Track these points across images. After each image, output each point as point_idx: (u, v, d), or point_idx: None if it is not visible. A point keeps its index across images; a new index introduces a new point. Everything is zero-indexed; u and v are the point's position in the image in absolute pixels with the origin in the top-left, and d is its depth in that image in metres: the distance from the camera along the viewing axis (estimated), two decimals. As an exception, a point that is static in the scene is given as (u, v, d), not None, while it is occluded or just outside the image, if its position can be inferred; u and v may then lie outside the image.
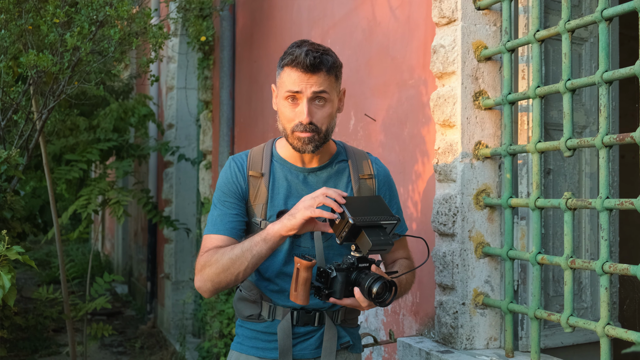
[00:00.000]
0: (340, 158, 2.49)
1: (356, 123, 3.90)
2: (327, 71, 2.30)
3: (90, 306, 5.43)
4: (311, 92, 2.29)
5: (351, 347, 2.50)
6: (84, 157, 6.26)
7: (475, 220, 2.94)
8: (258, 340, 2.45)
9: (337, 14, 4.17)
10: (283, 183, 2.43)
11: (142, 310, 9.31)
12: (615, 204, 2.29)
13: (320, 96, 2.30)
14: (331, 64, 2.31)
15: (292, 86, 2.30)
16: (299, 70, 2.28)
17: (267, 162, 2.47)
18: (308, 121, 2.29)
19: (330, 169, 2.46)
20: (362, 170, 2.48)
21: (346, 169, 2.47)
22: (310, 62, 2.27)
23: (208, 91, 6.91)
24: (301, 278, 2.19)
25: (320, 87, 2.29)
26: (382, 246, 2.11)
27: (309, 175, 2.44)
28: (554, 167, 3.08)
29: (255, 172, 2.44)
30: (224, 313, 5.84)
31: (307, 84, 2.29)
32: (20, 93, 4.23)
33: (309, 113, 2.29)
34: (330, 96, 2.33)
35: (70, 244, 14.36)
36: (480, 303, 2.93)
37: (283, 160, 2.46)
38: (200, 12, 5.99)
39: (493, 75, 2.98)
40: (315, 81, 2.29)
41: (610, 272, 2.30)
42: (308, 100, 2.29)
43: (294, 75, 2.30)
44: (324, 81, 2.30)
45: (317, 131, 2.32)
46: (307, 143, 2.33)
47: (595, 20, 2.39)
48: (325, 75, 2.30)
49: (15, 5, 4.03)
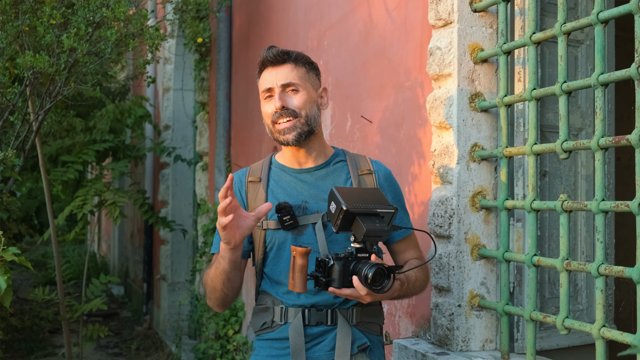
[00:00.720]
0: (339, 159, 2.52)
1: (352, 125, 3.90)
2: (294, 62, 2.42)
3: (86, 307, 5.42)
4: (280, 84, 2.39)
5: (369, 352, 2.42)
6: (80, 159, 6.26)
7: (471, 222, 2.94)
8: (273, 348, 2.42)
9: (334, 16, 4.17)
10: (281, 184, 2.47)
11: (138, 312, 9.31)
12: (611, 206, 2.30)
13: (290, 85, 2.39)
14: (297, 55, 2.44)
15: (264, 85, 2.42)
16: (267, 67, 2.42)
17: (265, 169, 2.52)
18: (280, 105, 2.36)
19: (328, 168, 2.48)
20: (361, 166, 2.49)
21: (345, 167, 2.49)
22: (273, 54, 2.40)
23: (205, 92, 6.91)
24: (297, 265, 2.20)
25: (287, 78, 2.40)
26: (377, 233, 2.12)
27: (306, 174, 2.47)
28: (550, 169, 3.09)
29: (254, 177, 2.50)
30: (220, 315, 5.83)
31: (276, 78, 2.40)
32: (16, 94, 4.22)
33: (279, 98, 2.38)
34: (302, 85, 2.41)
35: (66, 245, 14.35)
36: (476, 305, 2.93)
37: (281, 166, 2.51)
38: (197, 13, 5.99)
39: (489, 77, 2.98)
40: (283, 73, 2.40)
41: (606, 274, 2.31)
42: (279, 91, 2.38)
43: (265, 75, 2.43)
44: (292, 71, 2.41)
45: (295, 116, 2.38)
46: (288, 132, 2.39)
47: (592, 23, 2.39)
48: (292, 66, 2.42)
49: (11, 7, 4.03)
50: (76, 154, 6.33)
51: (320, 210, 2.40)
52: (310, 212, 2.41)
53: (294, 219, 2.38)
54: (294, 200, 2.42)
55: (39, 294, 5.40)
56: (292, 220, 2.38)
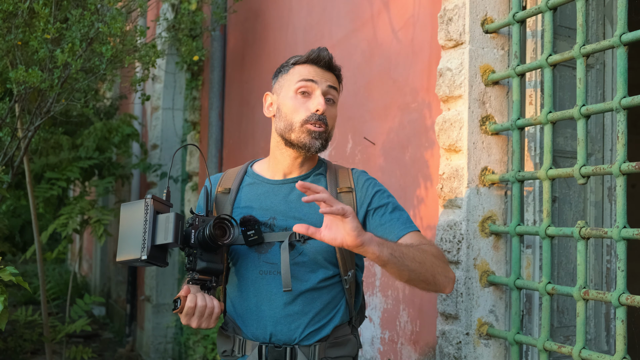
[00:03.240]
0: (319, 172, 2.35)
1: (354, 146, 3.82)
2: (337, 74, 2.33)
3: (70, 328, 5.30)
4: (326, 85, 2.28)
5: None
6: (64, 175, 6.14)
7: (481, 247, 2.86)
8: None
9: (336, 36, 4.10)
10: (251, 197, 2.32)
11: (120, 333, 9.14)
12: (633, 233, 2.22)
13: (331, 93, 2.28)
14: (339, 70, 2.36)
15: (306, 75, 2.26)
16: (315, 66, 2.28)
17: (238, 179, 2.37)
18: (323, 110, 2.23)
19: (306, 180, 2.31)
20: (340, 183, 2.31)
21: (322, 182, 2.32)
22: (329, 57, 2.29)
23: (196, 112, 6.82)
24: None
25: (334, 83, 2.31)
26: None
27: (281, 186, 2.32)
28: (560, 195, 3.02)
29: (224, 188, 2.36)
30: (208, 338, 5.71)
31: (323, 78, 2.28)
32: (6, 110, 4.11)
33: (325, 102, 2.25)
34: (337, 99, 2.34)
35: (46, 264, 14.13)
36: (485, 333, 2.85)
37: (256, 176, 2.37)
38: (190, 32, 5.92)
39: (500, 100, 2.92)
40: (330, 77, 2.30)
41: (628, 304, 2.23)
42: (324, 91, 2.27)
43: (309, 69, 2.28)
44: (336, 81, 2.33)
45: (326, 129, 2.26)
46: (317, 138, 2.23)
47: (614, 45, 2.33)
48: (335, 77, 2.33)
49: (4, 21, 3.93)
50: (61, 171, 6.21)
51: (288, 228, 2.23)
52: (279, 229, 2.25)
53: (259, 234, 2.22)
54: (262, 216, 2.26)
55: (22, 314, 5.27)
56: (257, 235, 2.22)
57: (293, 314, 2.21)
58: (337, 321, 2.25)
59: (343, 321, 2.27)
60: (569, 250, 3.03)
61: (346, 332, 2.28)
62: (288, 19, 4.85)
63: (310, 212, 2.24)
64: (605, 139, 3.10)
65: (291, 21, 4.79)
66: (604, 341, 3.09)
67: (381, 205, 2.26)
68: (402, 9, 3.46)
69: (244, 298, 2.27)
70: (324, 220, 1.94)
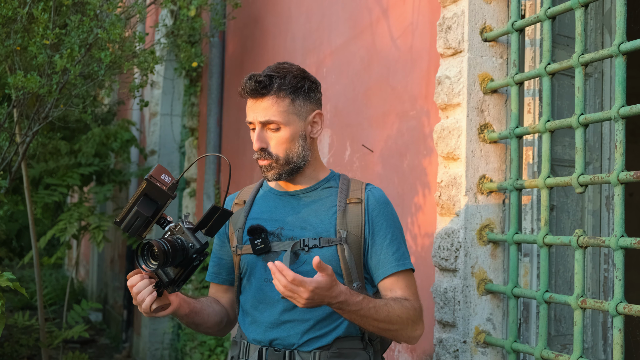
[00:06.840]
0: (329, 185, 2.36)
1: (352, 154, 3.82)
2: (275, 94, 2.20)
3: (67, 334, 5.29)
4: (258, 120, 2.23)
5: None
6: (65, 182, 6.14)
7: (478, 256, 2.86)
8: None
9: (334, 43, 4.11)
10: (263, 208, 2.36)
11: (116, 339, 9.12)
12: (631, 242, 2.22)
13: (270, 122, 2.22)
14: (279, 85, 2.21)
15: (247, 115, 2.25)
16: (249, 98, 2.24)
17: (254, 192, 2.43)
18: (257, 147, 2.23)
19: (314, 192, 2.34)
20: (350, 195, 2.31)
21: (333, 193, 2.33)
22: (250, 88, 2.22)
23: (194, 118, 6.82)
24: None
25: (266, 115, 2.21)
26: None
27: (291, 198, 2.35)
28: (558, 204, 3.02)
29: (240, 200, 2.42)
30: (205, 344, 5.70)
31: (255, 113, 2.22)
32: (4, 115, 4.11)
33: (257, 139, 2.24)
34: (284, 120, 2.22)
35: (43, 270, 14.10)
36: (482, 341, 2.84)
37: (269, 188, 2.41)
38: (189, 38, 5.92)
39: (498, 108, 2.93)
40: (262, 108, 2.21)
41: (625, 313, 2.23)
42: (260, 128, 2.23)
43: (248, 103, 2.26)
44: (272, 106, 2.21)
45: (273, 158, 2.24)
46: (265, 171, 2.27)
47: (612, 54, 2.33)
48: (274, 99, 2.21)
49: (3, 26, 3.93)
50: (60, 177, 6.21)
51: (294, 237, 2.26)
52: (285, 239, 2.27)
53: (266, 243, 2.25)
54: (271, 226, 2.30)
55: (19, 319, 5.26)
56: (264, 244, 2.25)
57: (292, 320, 2.24)
58: (340, 332, 2.23)
59: (350, 333, 2.25)
60: (567, 258, 3.03)
61: (355, 345, 2.26)
62: (287, 25, 4.86)
63: (316, 222, 2.28)
64: (603, 147, 3.11)
65: (290, 28, 4.80)
66: (601, 350, 3.08)
67: (382, 233, 2.28)
68: (401, 17, 3.46)
69: (251, 305, 2.31)
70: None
